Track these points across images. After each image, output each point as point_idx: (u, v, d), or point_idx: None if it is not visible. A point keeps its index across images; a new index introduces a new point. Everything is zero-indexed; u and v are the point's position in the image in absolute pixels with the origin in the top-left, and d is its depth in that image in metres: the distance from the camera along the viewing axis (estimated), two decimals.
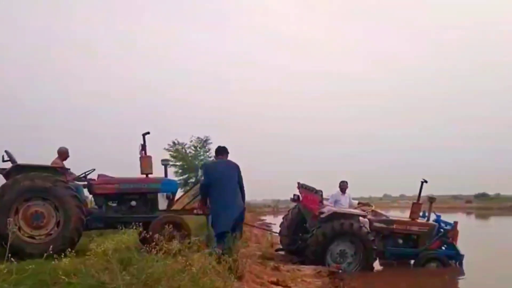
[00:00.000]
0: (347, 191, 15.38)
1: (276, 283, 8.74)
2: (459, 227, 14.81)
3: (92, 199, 12.41)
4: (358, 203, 15.84)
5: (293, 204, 15.77)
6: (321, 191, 13.72)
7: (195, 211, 12.21)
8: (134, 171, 12.47)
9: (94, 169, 12.09)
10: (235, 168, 9.79)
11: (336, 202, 14.92)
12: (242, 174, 9.93)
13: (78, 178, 11.90)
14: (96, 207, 12.08)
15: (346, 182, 15.45)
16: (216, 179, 9.61)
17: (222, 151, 10.16)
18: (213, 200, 9.68)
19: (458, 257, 14.40)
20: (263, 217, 44.91)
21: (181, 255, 5.15)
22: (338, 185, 15.38)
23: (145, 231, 8.03)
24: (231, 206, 9.36)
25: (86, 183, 11.91)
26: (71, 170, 11.83)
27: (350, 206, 14.95)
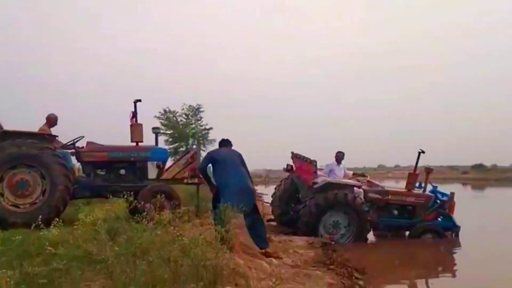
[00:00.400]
0: (343, 162, 15.35)
1: (268, 255, 8.75)
2: (455, 198, 14.85)
3: (80, 167, 12.36)
4: (353, 174, 15.84)
5: (285, 174, 15.75)
6: (315, 161, 13.66)
7: (185, 181, 12.21)
8: (124, 139, 12.44)
9: (83, 137, 12.03)
10: (238, 155, 9.63)
11: (330, 172, 14.87)
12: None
13: (66, 146, 11.81)
14: (83, 175, 12.04)
15: (343, 153, 15.40)
16: (219, 159, 9.41)
17: (225, 143, 9.98)
18: (217, 176, 9.49)
19: (455, 229, 14.47)
20: (254, 187, 44.95)
21: (171, 225, 5.12)
22: (333, 156, 15.34)
23: (134, 201, 8.01)
24: (238, 184, 9.21)
25: (74, 150, 11.84)
26: (59, 138, 11.75)
27: (345, 176, 14.92)
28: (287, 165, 15.02)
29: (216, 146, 10.87)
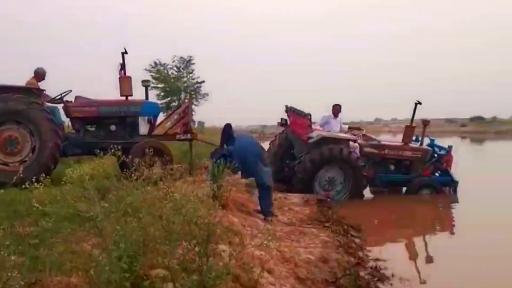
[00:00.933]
0: (340, 115, 15.28)
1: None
2: (453, 152, 14.92)
3: (69, 123, 12.30)
4: (349, 128, 15.81)
5: (280, 129, 15.66)
6: (310, 115, 13.68)
7: (178, 137, 12.16)
8: (112, 93, 12.35)
9: (71, 91, 11.92)
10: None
11: (326, 124, 14.77)
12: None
13: (54, 100, 11.72)
14: (73, 131, 11.99)
15: (340, 106, 15.28)
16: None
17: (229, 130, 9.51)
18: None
19: (452, 184, 14.61)
20: None
21: (163, 182, 5.13)
22: (328, 108, 15.24)
23: (124, 157, 8.00)
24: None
25: (62, 105, 11.76)
26: (47, 92, 11.65)
27: (341, 130, 14.89)
28: (281, 119, 14.82)
29: (209, 101, 10.73)
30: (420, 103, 14.84)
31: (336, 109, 15.19)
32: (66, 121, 12.36)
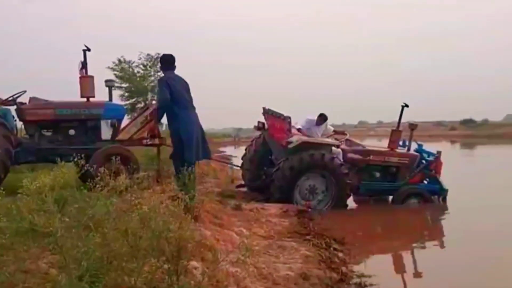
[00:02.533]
0: (323, 125, 15.16)
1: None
2: (442, 158, 15.00)
3: (23, 126, 12.13)
4: (333, 131, 15.75)
5: (257, 133, 15.63)
6: (289, 117, 13.53)
7: (144, 142, 12.07)
8: (72, 94, 12.24)
9: (25, 91, 11.77)
10: (187, 85, 9.68)
11: (307, 129, 14.70)
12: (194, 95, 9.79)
13: (6, 102, 11.55)
14: (27, 136, 11.83)
15: (325, 117, 15.07)
16: (175, 95, 9.38)
17: (172, 61, 9.85)
18: (175, 119, 9.44)
19: (442, 192, 14.64)
20: (222, 149, 45.05)
21: (128, 192, 5.08)
22: (310, 111, 15.27)
23: (86, 165, 7.92)
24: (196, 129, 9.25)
25: (15, 107, 11.60)
26: None
27: (324, 135, 14.84)
28: (258, 122, 14.81)
29: None
30: (407, 106, 14.86)
31: (321, 119, 15.01)
32: (19, 124, 12.18)
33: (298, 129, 14.36)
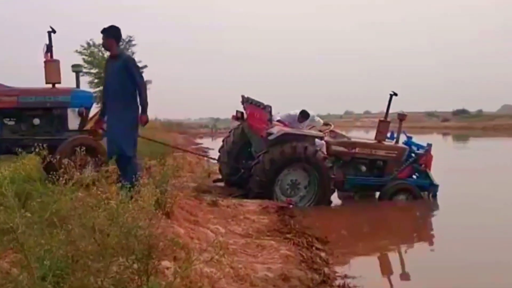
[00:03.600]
0: (306, 123, 14.79)
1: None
2: (433, 151, 15.07)
3: None
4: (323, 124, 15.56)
5: (236, 124, 15.62)
6: (270, 107, 13.36)
7: None
8: (37, 81, 12.18)
9: None
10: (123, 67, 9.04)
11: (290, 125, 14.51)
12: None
13: None
14: None
15: (308, 115, 14.75)
16: (107, 77, 9.37)
17: (115, 34, 9.24)
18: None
19: (432, 188, 14.72)
20: (198, 140, 44.98)
21: (96, 186, 5.08)
22: (292, 102, 15.20)
23: (50, 156, 7.88)
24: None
25: None
26: None
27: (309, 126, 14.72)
28: (237, 111, 14.74)
29: (151, 90, 10.51)
30: (395, 94, 14.94)
31: (303, 117, 14.64)
32: None
33: (278, 120, 14.21)
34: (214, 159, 16.59)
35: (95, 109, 13.02)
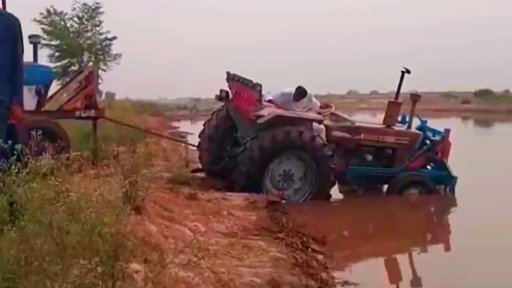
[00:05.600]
0: (303, 101, 14.61)
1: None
2: (451, 138, 15.07)
3: None
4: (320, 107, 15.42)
5: (220, 105, 15.58)
6: (260, 85, 13.24)
7: (77, 113, 12.01)
8: None
9: None
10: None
11: (284, 105, 14.32)
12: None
13: None
14: None
15: (305, 92, 14.50)
16: None
17: None
18: None
19: (449, 181, 14.70)
20: (175, 124, 45.00)
21: (55, 176, 5.07)
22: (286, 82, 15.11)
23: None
24: None
25: None
26: None
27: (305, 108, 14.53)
28: (221, 91, 14.65)
29: (122, 65, 10.48)
30: (408, 72, 14.89)
31: (299, 94, 14.44)
32: None
33: (269, 101, 14.15)
34: (193, 145, 16.53)
35: (55, 86, 12.99)
